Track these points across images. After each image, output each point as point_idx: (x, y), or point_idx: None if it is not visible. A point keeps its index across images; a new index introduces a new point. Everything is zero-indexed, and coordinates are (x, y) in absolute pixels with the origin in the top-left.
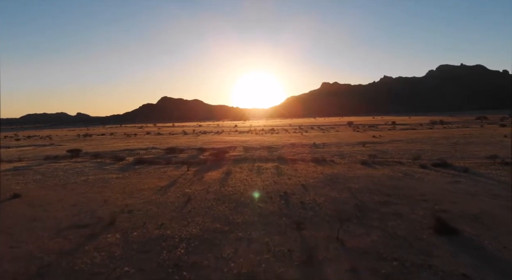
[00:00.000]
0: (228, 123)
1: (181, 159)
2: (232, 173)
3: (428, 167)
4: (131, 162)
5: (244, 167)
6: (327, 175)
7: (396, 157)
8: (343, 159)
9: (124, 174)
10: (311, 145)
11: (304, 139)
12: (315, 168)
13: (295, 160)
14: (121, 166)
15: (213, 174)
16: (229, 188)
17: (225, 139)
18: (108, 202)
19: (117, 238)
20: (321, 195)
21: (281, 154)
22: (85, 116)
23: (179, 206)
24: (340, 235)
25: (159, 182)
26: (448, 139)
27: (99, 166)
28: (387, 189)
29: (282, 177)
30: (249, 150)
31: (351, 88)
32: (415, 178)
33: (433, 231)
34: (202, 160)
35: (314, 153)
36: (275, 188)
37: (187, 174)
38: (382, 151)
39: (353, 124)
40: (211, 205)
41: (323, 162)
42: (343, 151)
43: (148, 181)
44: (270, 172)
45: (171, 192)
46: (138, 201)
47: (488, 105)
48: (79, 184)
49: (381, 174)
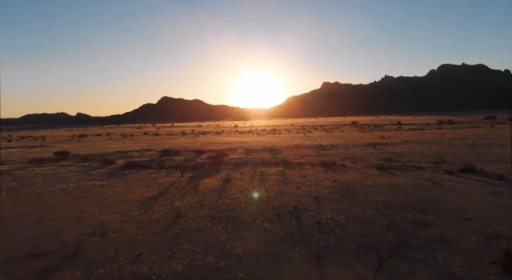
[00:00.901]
0: (228, 123)
1: (176, 163)
2: (231, 180)
3: (455, 173)
4: (120, 166)
5: (245, 173)
6: (341, 183)
7: (414, 161)
8: (355, 163)
9: (109, 181)
10: (317, 146)
11: (308, 140)
12: (325, 174)
13: (302, 164)
14: (109, 171)
15: (210, 182)
16: (228, 200)
17: (225, 140)
18: (80, 219)
19: (76, 278)
20: (340, 212)
21: (285, 157)
22: (85, 116)
23: (164, 226)
24: (377, 275)
25: (147, 191)
26: (463, 140)
27: (85, 171)
28: (419, 203)
29: (289, 186)
30: (250, 152)
31: (352, 88)
32: (445, 187)
33: (501, 269)
34: (198, 163)
35: (322, 156)
36: (283, 201)
37: (180, 181)
38: (396, 154)
39: (358, 124)
40: (205, 226)
41: (334, 167)
42: (353, 154)
43: (134, 191)
44: (275, 179)
45: (158, 205)
46: (117, 218)
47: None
48: (55, 193)
49: (404, 183)
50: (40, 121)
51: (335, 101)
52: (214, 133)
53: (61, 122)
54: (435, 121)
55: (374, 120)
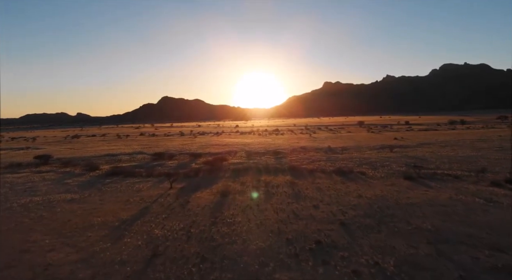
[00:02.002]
0: (229, 123)
1: (168, 169)
2: (230, 193)
3: (503, 185)
4: (103, 173)
5: (247, 183)
6: (369, 200)
7: (445, 168)
8: (375, 170)
9: (83, 194)
10: (326, 149)
11: (314, 141)
12: (344, 185)
13: (313, 172)
14: (88, 179)
15: (204, 196)
16: (224, 227)
17: (224, 141)
18: (23, 257)
19: None
20: (383, 250)
21: (292, 162)
22: (85, 116)
23: (131, 275)
24: None
25: (124, 210)
26: (486, 141)
27: (61, 179)
28: (485, 234)
29: (303, 204)
30: (252, 155)
31: (353, 87)
32: (505, 206)
33: None
34: (193, 170)
35: (334, 161)
36: (299, 230)
37: (168, 194)
38: (419, 159)
39: (364, 124)
40: (189, 274)
41: (352, 175)
42: (369, 158)
43: (108, 208)
44: (284, 192)
45: (132, 234)
46: (71, 256)
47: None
48: (13, 211)
49: (447, 199)
50: (40, 121)
51: (336, 101)
52: (214, 134)
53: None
54: (443, 121)
55: (379, 120)
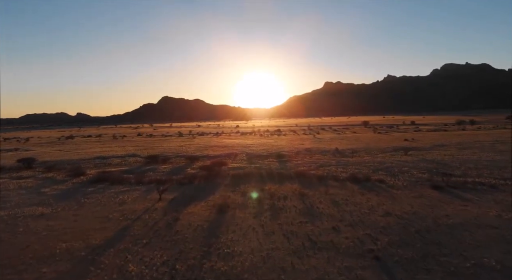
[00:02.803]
0: (229, 123)
1: (160, 175)
2: (229, 208)
3: None
4: (88, 180)
5: (248, 193)
6: (401, 219)
7: (473, 175)
8: (395, 177)
9: (57, 208)
10: (334, 151)
11: (320, 143)
12: (364, 197)
13: (324, 179)
14: (69, 188)
15: (197, 211)
16: (220, 262)
17: (224, 142)
18: None
19: None
20: None
21: (299, 167)
22: (85, 116)
23: None
24: None
25: (98, 231)
26: (504, 144)
27: (38, 187)
28: None
29: (320, 225)
30: (254, 158)
31: (354, 87)
32: None
33: None
34: (188, 176)
35: (345, 166)
36: (321, 268)
37: (155, 209)
38: (440, 163)
39: (369, 124)
40: None
41: (370, 184)
42: (384, 162)
43: (81, 228)
44: (293, 207)
45: (99, 271)
46: None
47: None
48: None
49: (495, 218)
50: (40, 121)
51: (337, 101)
52: (213, 135)
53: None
54: (450, 121)
55: (382, 120)
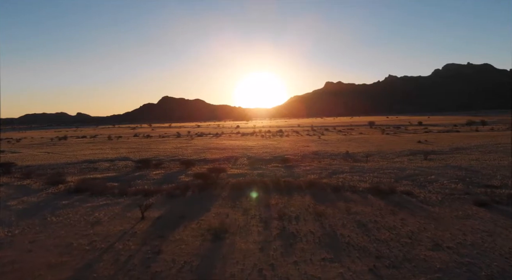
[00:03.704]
0: (229, 124)
1: (149, 183)
2: (227, 233)
3: None
4: (66, 189)
5: (251, 210)
6: (459, 255)
7: None
8: (423, 188)
9: (15, 229)
10: (344, 155)
11: (326, 145)
12: (397, 218)
13: (340, 189)
14: (41, 200)
15: (186, 238)
16: None
17: (224, 144)
18: None
19: None
20: None
21: (308, 174)
22: (85, 116)
23: None
24: None
25: (52, 269)
26: None
27: (6, 199)
28: None
29: (352, 265)
30: (256, 163)
31: (355, 87)
32: None
33: None
34: (180, 186)
35: (361, 173)
36: None
37: (135, 233)
38: (468, 170)
39: (375, 125)
40: None
41: (397, 198)
42: (404, 169)
43: (31, 264)
44: (310, 232)
45: None
46: None
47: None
48: None
49: None
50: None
51: (338, 101)
52: (213, 135)
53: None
54: (455, 121)
55: (387, 120)
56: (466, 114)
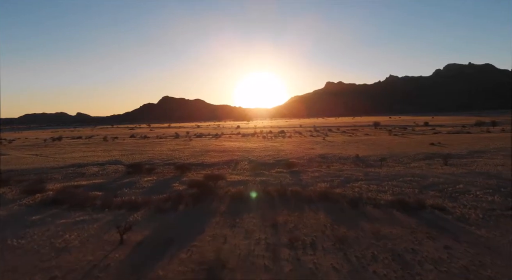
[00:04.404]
0: (230, 124)
1: (137, 192)
2: (224, 270)
3: None
4: (43, 200)
5: (254, 231)
6: None
7: None
8: (455, 201)
9: None
10: (354, 159)
11: (332, 147)
12: (439, 246)
13: (358, 203)
14: (10, 214)
15: (170, 274)
16: None
17: (223, 146)
18: None
19: None
20: None
21: (318, 181)
22: (85, 116)
23: None
24: None
25: None
26: None
27: None
28: None
29: None
30: (258, 168)
31: (356, 87)
32: None
33: None
34: (172, 197)
35: (378, 181)
36: None
37: (107, 264)
38: (497, 177)
39: (380, 125)
40: None
41: (428, 215)
42: (425, 176)
43: None
44: (333, 269)
45: None
46: None
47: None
48: None
49: None
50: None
51: (338, 101)
52: (212, 136)
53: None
54: (461, 122)
55: (390, 120)
56: (467, 114)
